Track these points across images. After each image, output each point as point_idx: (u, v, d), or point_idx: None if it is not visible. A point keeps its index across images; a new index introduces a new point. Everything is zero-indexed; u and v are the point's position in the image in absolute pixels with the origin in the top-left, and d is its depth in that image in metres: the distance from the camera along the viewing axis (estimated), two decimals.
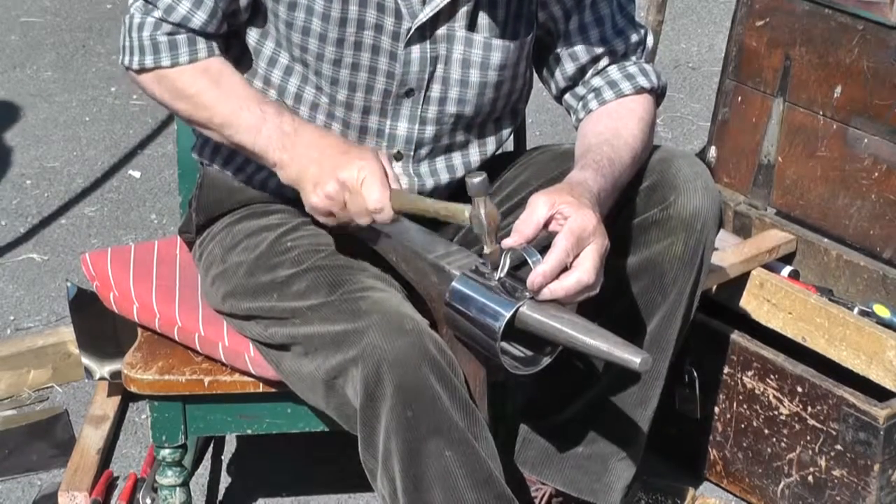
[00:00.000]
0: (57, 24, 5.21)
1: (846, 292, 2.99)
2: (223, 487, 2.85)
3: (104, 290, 2.54)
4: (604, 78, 2.38)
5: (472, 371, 2.14)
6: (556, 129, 4.43)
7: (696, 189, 2.29)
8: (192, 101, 2.25)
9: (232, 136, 2.23)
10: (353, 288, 2.15)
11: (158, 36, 2.23)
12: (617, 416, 2.42)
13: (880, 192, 2.93)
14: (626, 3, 2.38)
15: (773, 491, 2.69)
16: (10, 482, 2.86)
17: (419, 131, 2.33)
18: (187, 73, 2.25)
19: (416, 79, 2.28)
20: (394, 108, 2.31)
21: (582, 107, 2.39)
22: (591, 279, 2.04)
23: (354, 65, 2.27)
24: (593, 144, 2.26)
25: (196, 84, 2.24)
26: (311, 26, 2.24)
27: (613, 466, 2.44)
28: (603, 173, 2.18)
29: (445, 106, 2.32)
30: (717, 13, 5.30)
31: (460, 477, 2.06)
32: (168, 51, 2.24)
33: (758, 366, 2.65)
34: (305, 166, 2.16)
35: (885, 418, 2.49)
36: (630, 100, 2.36)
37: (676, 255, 2.30)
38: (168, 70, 2.25)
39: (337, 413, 2.19)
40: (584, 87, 2.40)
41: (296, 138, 2.18)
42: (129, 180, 4.10)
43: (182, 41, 2.24)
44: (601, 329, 2.03)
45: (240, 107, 2.22)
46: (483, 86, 2.32)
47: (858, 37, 2.94)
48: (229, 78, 2.26)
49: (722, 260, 2.92)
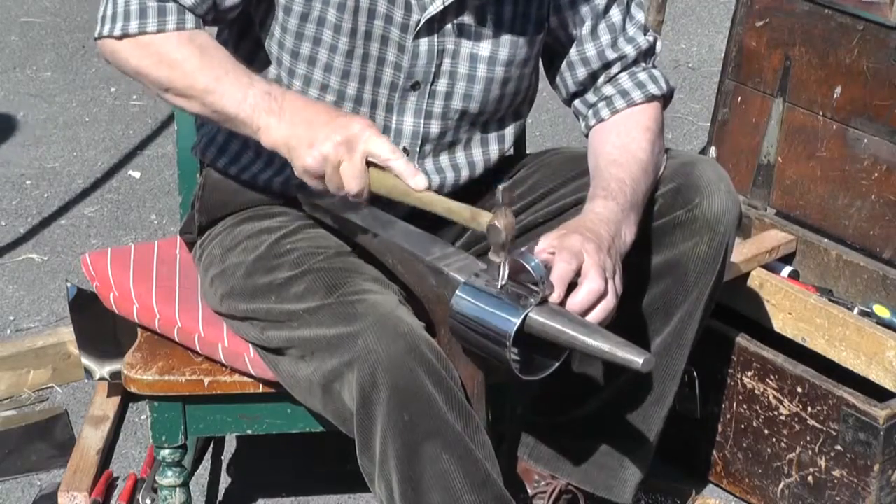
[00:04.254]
0: (57, 24, 5.21)
1: (846, 292, 2.99)
2: (223, 487, 2.85)
3: (104, 290, 2.54)
4: (615, 87, 2.40)
5: (469, 373, 2.14)
6: (555, 129, 4.44)
7: (720, 192, 2.33)
8: (176, 67, 2.20)
9: (215, 103, 2.18)
10: (349, 291, 2.15)
11: (148, 2, 2.20)
12: (633, 414, 2.43)
13: (880, 192, 2.93)
14: (635, 12, 2.40)
15: (773, 491, 2.69)
16: (10, 482, 2.86)
17: (425, 125, 2.33)
18: (173, 40, 2.21)
19: (423, 72, 2.29)
20: (400, 102, 2.31)
21: (593, 114, 2.41)
22: (600, 285, 2.05)
23: (364, 55, 2.27)
24: (602, 167, 2.29)
25: (181, 51, 2.20)
26: (327, 17, 2.24)
27: (628, 463, 2.46)
28: (614, 198, 2.21)
29: (451, 101, 2.32)
30: (717, 13, 5.30)
31: (458, 479, 2.06)
32: (156, 16, 2.20)
33: (758, 366, 2.65)
34: (295, 128, 2.12)
35: (884, 419, 2.49)
36: (639, 110, 2.39)
37: (700, 256, 2.33)
38: (153, 35, 2.20)
39: (334, 416, 2.19)
40: (594, 95, 2.42)
41: (283, 102, 2.15)
42: (128, 181, 4.10)
43: (171, 9, 2.20)
44: (603, 330, 2.03)
45: (225, 72, 2.18)
46: (489, 81, 2.33)
47: (858, 37, 2.94)
48: (215, 49, 2.22)
49: None
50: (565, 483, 2.52)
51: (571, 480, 2.51)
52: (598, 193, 2.23)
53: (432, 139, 2.35)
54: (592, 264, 2.06)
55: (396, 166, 2.09)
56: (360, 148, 2.08)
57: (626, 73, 2.41)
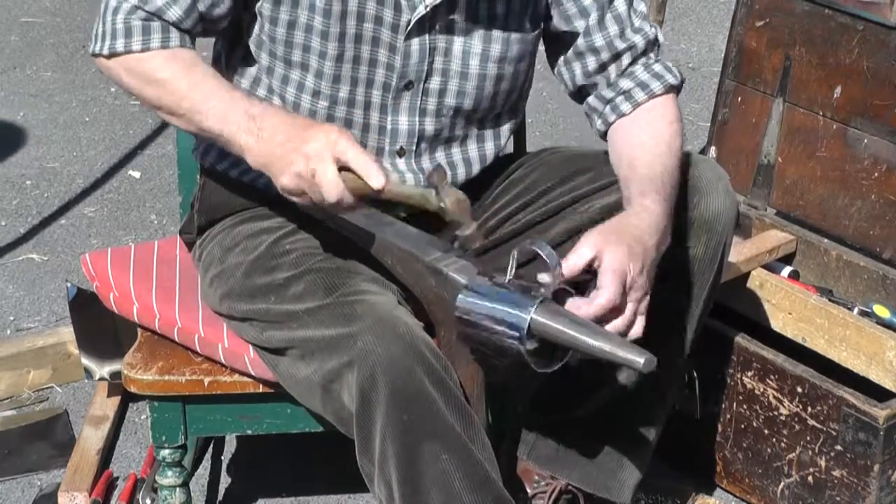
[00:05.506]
0: (57, 24, 5.22)
1: (846, 292, 2.99)
2: (223, 487, 2.85)
3: (104, 290, 2.54)
4: (632, 79, 2.38)
5: (469, 373, 2.14)
6: (555, 129, 4.44)
7: (719, 191, 2.33)
8: (162, 86, 2.22)
9: (201, 123, 2.19)
10: (348, 291, 2.15)
11: (133, 20, 2.22)
12: (632, 414, 2.43)
13: (880, 192, 2.93)
14: (637, 3, 2.39)
15: (773, 491, 2.69)
16: (10, 482, 2.86)
17: (420, 124, 2.33)
18: (158, 59, 2.23)
19: (416, 70, 2.28)
20: (394, 102, 2.31)
21: (611, 110, 2.38)
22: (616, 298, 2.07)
23: (356, 58, 2.26)
24: (640, 161, 2.27)
25: (166, 69, 2.22)
26: (314, 24, 2.24)
27: (627, 464, 2.46)
28: (660, 192, 2.21)
29: (445, 98, 2.32)
30: (717, 13, 5.30)
31: (457, 479, 2.06)
32: (140, 34, 2.22)
33: (758, 366, 2.65)
34: (272, 149, 2.12)
35: (884, 418, 2.49)
36: (660, 103, 2.37)
37: (698, 256, 2.33)
38: (139, 55, 2.22)
39: (334, 417, 2.18)
40: (611, 90, 2.39)
41: (262, 121, 2.14)
42: (128, 180, 4.10)
43: (156, 27, 2.22)
44: (604, 330, 2.03)
45: (210, 92, 2.19)
46: (482, 78, 2.32)
47: (858, 37, 2.94)
48: (200, 67, 2.23)
49: None
50: (565, 483, 2.52)
51: (570, 480, 2.50)
52: (646, 189, 2.20)
53: (428, 137, 2.35)
54: (632, 287, 2.08)
55: (356, 167, 2.06)
56: (328, 156, 2.06)
57: (640, 64, 2.38)
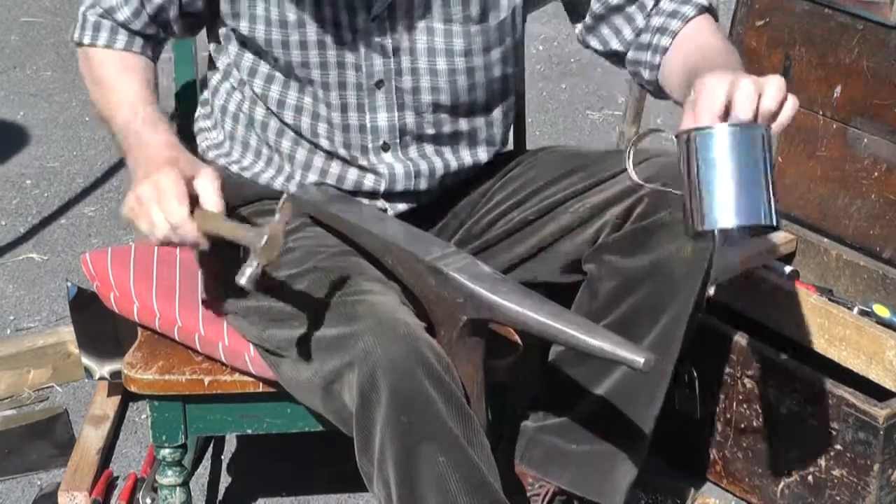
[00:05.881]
0: (57, 24, 5.22)
1: (846, 292, 2.99)
2: (223, 487, 2.85)
3: (104, 290, 2.54)
4: (661, 15, 2.34)
5: (469, 374, 2.14)
6: (555, 129, 4.44)
7: None
8: (97, 86, 2.30)
9: (113, 133, 2.25)
10: (350, 291, 2.15)
11: (89, 15, 2.31)
12: (623, 416, 2.41)
13: (880, 192, 2.93)
14: None
15: (773, 491, 2.69)
16: (10, 482, 2.86)
17: (399, 118, 2.32)
18: (101, 57, 2.31)
19: (384, 70, 2.28)
20: (369, 100, 2.30)
21: (653, 52, 2.34)
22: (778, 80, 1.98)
23: (323, 64, 2.27)
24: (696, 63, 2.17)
25: (103, 70, 2.29)
26: (272, 37, 2.26)
27: (619, 466, 2.44)
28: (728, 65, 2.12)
29: (420, 95, 2.31)
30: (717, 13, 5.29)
31: (454, 482, 2.06)
32: (91, 30, 2.31)
33: (758, 366, 2.65)
34: (136, 170, 2.17)
35: (884, 418, 2.49)
36: (696, 22, 2.33)
37: (686, 257, 2.30)
38: (87, 48, 2.32)
39: (335, 417, 2.18)
40: (647, 34, 2.35)
41: (137, 151, 2.18)
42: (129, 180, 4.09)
43: (106, 26, 2.30)
44: (603, 329, 2.02)
45: (123, 104, 2.23)
46: (452, 73, 2.31)
47: (858, 37, 2.94)
48: (133, 74, 2.28)
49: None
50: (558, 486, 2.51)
51: (561, 484, 2.48)
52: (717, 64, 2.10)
53: (410, 131, 2.34)
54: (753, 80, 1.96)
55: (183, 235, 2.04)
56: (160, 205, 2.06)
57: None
